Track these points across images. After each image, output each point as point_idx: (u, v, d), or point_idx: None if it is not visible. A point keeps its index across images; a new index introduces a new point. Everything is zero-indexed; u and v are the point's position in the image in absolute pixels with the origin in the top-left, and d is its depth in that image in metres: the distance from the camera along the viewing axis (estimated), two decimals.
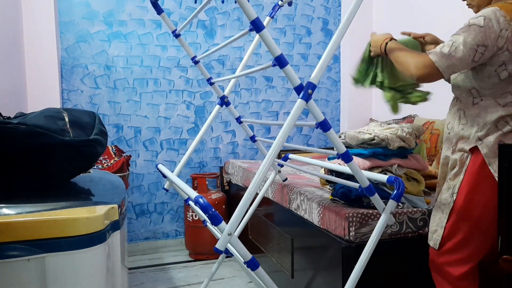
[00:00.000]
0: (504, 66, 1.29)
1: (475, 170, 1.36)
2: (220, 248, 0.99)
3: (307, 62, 3.58)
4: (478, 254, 1.41)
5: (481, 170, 1.35)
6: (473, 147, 1.37)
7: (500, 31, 1.25)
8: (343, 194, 1.65)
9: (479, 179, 1.35)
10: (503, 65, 1.29)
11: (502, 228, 1.11)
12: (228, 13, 3.33)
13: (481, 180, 1.35)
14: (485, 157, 1.33)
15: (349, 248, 1.51)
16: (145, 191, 3.20)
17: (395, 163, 1.70)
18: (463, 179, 1.38)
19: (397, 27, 3.28)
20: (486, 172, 1.33)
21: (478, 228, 1.38)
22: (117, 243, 1.26)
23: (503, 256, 1.08)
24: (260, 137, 2.89)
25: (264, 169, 1.04)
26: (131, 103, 3.13)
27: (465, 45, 1.26)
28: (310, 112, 1.24)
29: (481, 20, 1.26)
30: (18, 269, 1.01)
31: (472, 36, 1.26)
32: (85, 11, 2.98)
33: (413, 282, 1.61)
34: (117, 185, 1.61)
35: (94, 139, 1.32)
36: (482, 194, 1.35)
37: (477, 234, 1.38)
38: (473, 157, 1.37)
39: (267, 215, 2.36)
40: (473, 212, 1.37)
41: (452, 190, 1.42)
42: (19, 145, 1.18)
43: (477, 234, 1.38)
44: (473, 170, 1.36)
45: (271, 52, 1.04)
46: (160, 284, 2.60)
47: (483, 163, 1.34)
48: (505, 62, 1.29)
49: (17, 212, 1.07)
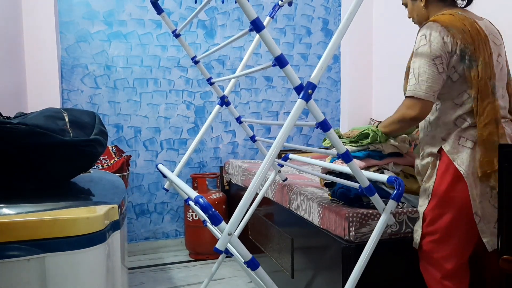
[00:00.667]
0: (453, 69, 1.38)
1: (444, 170, 1.42)
2: (220, 248, 0.99)
3: (307, 62, 3.58)
4: (460, 252, 1.43)
5: (449, 168, 1.40)
6: (439, 149, 1.44)
7: (442, 39, 1.35)
8: (342, 194, 1.65)
9: (448, 177, 1.40)
10: (452, 68, 1.38)
11: (502, 228, 1.11)
12: (228, 13, 3.33)
13: (450, 177, 1.40)
14: (448, 154, 1.40)
15: (349, 248, 1.51)
16: (145, 191, 3.20)
17: (391, 161, 1.71)
18: (435, 180, 1.44)
19: (397, 27, 3.28)
20: (453, 168, 1.39)
21: (455, 226, 1.41)
22: (117, 243, 1.26)
23: (503, 256, 1.08)
24: (260, 137, 2.89)
25: (264, 169, 1.04)
26: (131, 103, 3.13)
27: (424, 65, 1.36)
28: (310, 112, 1.24)
29: (423, 39, 1.37)
30: (18, 269, 1.01)
31: (424, 56, 1.36)
32: (85, 11, 2.98)
33: (413, 282, 1.61)
34: (117, 185, 1.61)
35: (94, 139, 1.32)
36: (454, 191, 1.40)
37: (456, 231, 1.42)
38: (442, 157, 1.43)
39: (267, 215, 2.36)
40: (449, 210, 1.41)
41: (427, 192, 1.47)
42: (19, 145, 1.18)
43: (455, 231, 1.42)
44: (442, 170, 1.42)
45: (271, 52, 1.04)
46: (160, 284, 2.60)
47: (449, 160, 1.40)
48: (455, 66, 1.37)
49: (17, 212, 1.07)
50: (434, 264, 1.46)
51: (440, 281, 1.44)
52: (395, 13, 3.21)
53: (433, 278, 1.46)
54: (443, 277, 1.43)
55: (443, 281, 1.44)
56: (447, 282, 1.43)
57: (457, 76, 1.38)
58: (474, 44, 1.35)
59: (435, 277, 1.46)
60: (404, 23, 3.05)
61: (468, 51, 1.35)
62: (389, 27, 3.30)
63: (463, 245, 1.43)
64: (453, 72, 1.39)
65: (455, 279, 1.43)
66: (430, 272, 1.47)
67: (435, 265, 1.45)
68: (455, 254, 1.42)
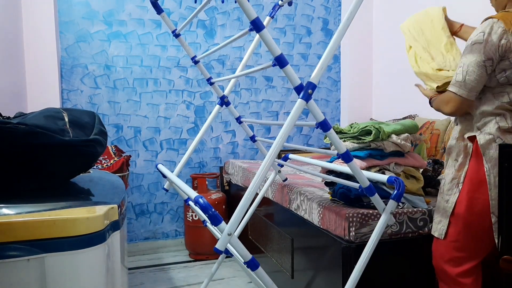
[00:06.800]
0: (504, 72, 1.35)
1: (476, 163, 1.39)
2: (220, 248, 0.99)
3: (307, 62, 3.58)
4: (482, 251, 1.42)
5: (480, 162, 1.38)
6: (473, 137, 1.41)
7: (499, 42, 1.31)
8: (342, 195, 1.65)
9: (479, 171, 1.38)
10: (502, 72, 1.35)
11: (502, 228, 1.11)
12: (228, 13, 3.32)
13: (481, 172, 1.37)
14: (481, 147, 1.38)
15: (349, 248, 1.51)
16: (145, 191, 3.20)
17: (392, 161, 1.70)
18: (467, 171, 1.41)
19: (397, 28, 3.28)
20: (482, 164, 1.37)
21: (480, 224, 1.39)
22: (117, 243, 1.25)
23: (503, 256, 1.08)
24: (260, 137, 2.89)
25: (264, 169, 1.04)
26: (131, 103, 3.13)
27: (474, 65, 1.33)
28: (310, 112, 1.24)
29: (481, 36, 1.33)
30: (18, 269, 1.01)
31: (477, 54, 1.33)
32: (85, 11, 2.98)
33: (413, 282, 1.61)
34: (116, 185, 1.61)
35: (94, 139, 1.32)
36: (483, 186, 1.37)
37: (479, 229, 1.39)
38: (475, 147, 1.40)
39: (267, 215, 2.36)
40: (475, 207, 1.39)
41: (459, 181, 1.44)
42: (19, 145, 1.17)
43: (479, 229, 1.40)
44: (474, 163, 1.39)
45: (271, 52, 1.04)
46: (160, 284, 2.59)
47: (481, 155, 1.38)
48: (505, 69, 1.34)
49: (17, 212, 1.07)
50: (455, 260, 1.44)
51: (454, 279, 1.43)
52: (395, 13, 3.21)
53: (449, 275, 1.45)
54: (460, 275, 1.42)
55: (459, 279, 1.42)
56: (465, 279, 1.42)
57: (505, 80, 1.35)
58: None
59: (452, 274, 1.44)
60: None
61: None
62: (389, 26, 3.31)
63: (484, 244, 1.41)
64: (502, 76, 1.35)
65: (472, 277, 1.42)
66: (447, 269, 1.45)
67: (453, 262, 1.43)
68: (475, 253, 1.41)
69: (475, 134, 1.40)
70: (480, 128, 1.40)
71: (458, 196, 1.43)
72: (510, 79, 1.35)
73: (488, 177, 1.36)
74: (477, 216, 1.39)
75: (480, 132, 1.39)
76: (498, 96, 1.38)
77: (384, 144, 1.68)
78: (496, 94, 1.38)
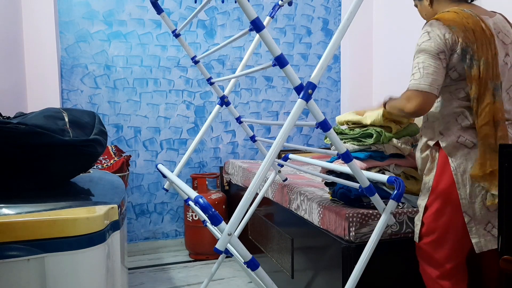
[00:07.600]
0: (454, 68, 1.37)
1: (443, 165, 1.41)
2: (220, 248, 0.99)
3: (307, 62, 3.58)
4: (458, 251, 1.42)
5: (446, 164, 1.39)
6: (437, 142, 1.43)
7: (444, 36, 1.33)
8: (342, 195, 1.65)
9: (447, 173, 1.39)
10: (452, 67, 1.37)
11: (502, 228, 1.11)
12: (228, 13, 3.32)
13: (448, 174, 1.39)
14: (445, 150, 1.39)
15: (349, 248, 1.51)
16: (145, 191, 3.20)
17: (392, 162, 1.70)
18: (435, 176, 1.43)
19: (397, 27, 3.27)
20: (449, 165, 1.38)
21: (453, 224, 1.40)
22: (117, 243, 1.26)
23: (503, 256, 1.08)
24: (260, 137, 2.89)
25: (264, 169, 1.04)
26: (131, 103, 3.13)
27: (429, 59, 1.34)
28: (310, 112, 1.24)
29: (426, 35, 1.36)
30: (18, 269, 1.01)
31: (428, 50, 1.34)
32: (85, 11, 2.98)
33: (413, 282, 1.61)
34: (116, 185, 1.61)
35: (94, 139, 1.32)
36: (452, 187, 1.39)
37: (453, 230, 1.40)
38: (440, 152, 1.42)
39: (267, 215, 2.36)
40: (447, 208, 1.41)
41: (427, 185, 1.46)
42: (19, 145, 1.18)
43: (452, 229, 1.40)
44: (441, 166, 1.41)
45: (271, 52, 1.04)
46: (160, 284, 2.59)
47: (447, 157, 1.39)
48: (455, 65, 1.36)
49: (17, 212, 1.07)
50: (431, 263, 1.45)
51: (436, 281, 1.44)
52: (395, 13, 3.21)
53: (430, 278, 1.46)
54: (440, 277, 1.43)
55: (440, 281, 1.43)
56: (444, 282, 1.42)
57: (457, 75, 1.37)
58: (476, 42, 1.33)
59: (432, 276, 1.45)
60: (404, 23, 3.05)
61: (469, 50, 1.33)
62: (389, 26, 3.30)
63: (461, 244, 1.41)
64: (453, 71, 1.37)
65: (453, 279, 1.43)
66: (428, 271, 1.46)
67: (433, 264, 1.44)
68: (452, 254, 1.42)
69: (438, 140, 1.41)
70: (442, 132, 1.41)
71: (427, 199, 1.45)
72: (461, 74, 1.36)
73: (455, 176, 1.37)
74: (449, 216, 1.40)
75: (443, 136, 1.40)
76: (455, 93, 1.39)
77: (385, 147, 1.68)
78: (453, 92, 1.40)
